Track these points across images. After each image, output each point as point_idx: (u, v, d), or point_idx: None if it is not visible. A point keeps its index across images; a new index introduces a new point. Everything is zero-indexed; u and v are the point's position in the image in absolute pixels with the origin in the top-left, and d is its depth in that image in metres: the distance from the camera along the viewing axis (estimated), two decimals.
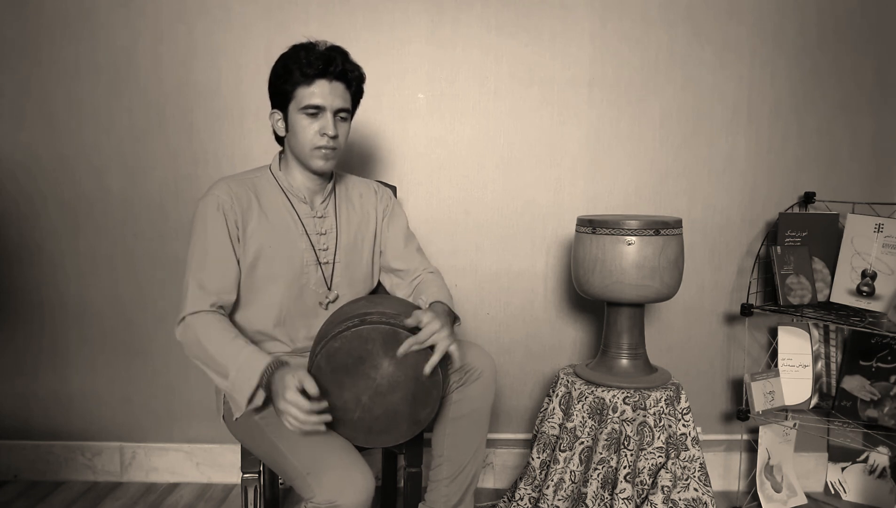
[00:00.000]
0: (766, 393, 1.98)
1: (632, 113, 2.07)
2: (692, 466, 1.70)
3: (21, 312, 2.10)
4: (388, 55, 2.02)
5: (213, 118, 2.03)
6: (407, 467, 1.53)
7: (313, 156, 1.42)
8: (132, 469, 2.17)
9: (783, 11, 2.05)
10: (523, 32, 2.03)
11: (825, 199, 2.08)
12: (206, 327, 1.32)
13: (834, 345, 2.10)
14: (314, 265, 1.48)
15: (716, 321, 2.16)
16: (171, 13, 2.00)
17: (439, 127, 2.06)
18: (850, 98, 2.09)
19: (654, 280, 1.66)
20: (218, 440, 2.14)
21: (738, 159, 2.10)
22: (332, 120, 1.39)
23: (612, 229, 1.67)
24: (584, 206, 2.10)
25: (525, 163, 2.08)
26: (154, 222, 2.07)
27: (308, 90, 1.38)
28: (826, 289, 2.03)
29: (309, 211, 1.49)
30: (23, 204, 2.06)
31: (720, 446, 2.19)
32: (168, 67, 2.02)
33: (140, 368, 2.13)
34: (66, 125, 2.03)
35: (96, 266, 2.08)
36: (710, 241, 2.12)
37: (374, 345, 1.26)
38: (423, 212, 2.06)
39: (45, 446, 2.15)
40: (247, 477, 1.47)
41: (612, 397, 1.69)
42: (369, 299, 1.43)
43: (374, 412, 1.28)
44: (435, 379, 1.29)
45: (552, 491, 1.72)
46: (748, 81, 2.07)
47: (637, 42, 2.05)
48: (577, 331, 2.15)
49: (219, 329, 1.32)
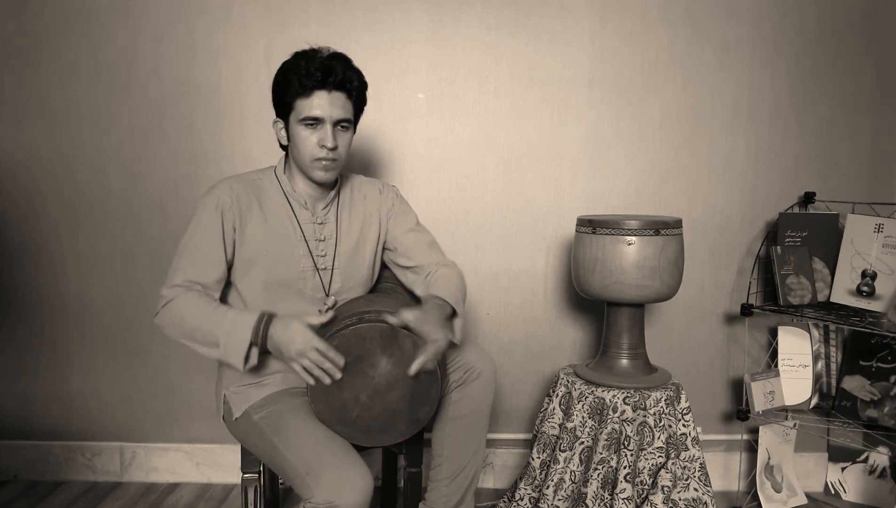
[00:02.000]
0: (766, 393, 1.98)
1: (632, 113, 2.07)
2: (692, 466, 1.70)
3: (21, 312, 2.10)
4: (388, 55, 2.03)
5: (213, 118, 2.03)
6: (407, 467, 1.53)
7: (313, 167, 1.41)
8: (132, 469, 2.17)
9: (783, 11, 2.05)
10: (523, 32, 2.03)
11: (825, 199, 2.08)
12: (187, 302, 1.32)
13: (834, 345, 2.10)
14: (311, 271, 1.47)
15: (716, 321, 2.16)
16: (171, 13, 2.00)
17: (439, 127, 2.06)
18: (850, 98, 2.09)
19: (654, 280, 1.66)
20: (218, 440, 2.14)
21: (738, 159, 2.10)
22: (332, 131, 1.38)
23: (612, 229, 1.67)
24: (584, 206, 2.10)
25: (525, 163, 2.08)
26: (154, 222, 2.07)
27: (307, 102, 1.37)
28: (826, 289, 2.03)
29: (309, 217, 1.49)
30: (23, 204, 2.06)
31: (720, 446, 2.19)
32: (168, 67, 2.02)
33: (140, 368, 2.13)
34: (66, 125, 2.03)
35: (96, 266, 2.08)
36: (710, 241, 2.12)
37: (373, 344, 1.26)
38: (423, 212, 2.06)
39: (45, 446, 2.15)
40: (247, 477, 1.48)
41: (613, 397, 1.69)
42: (368, 297, 1.43)
43: (373, 411, 1.29)
44: (433, 377, 1.29)
45: (552, 491, 1.72)
46: (748, 81, 2.07)
47: (637, 42, 2.05)
48: (577, 331, 2.15)
49: (201, 303, 1.32)
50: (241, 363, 1.29)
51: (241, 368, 1.29)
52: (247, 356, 1.29)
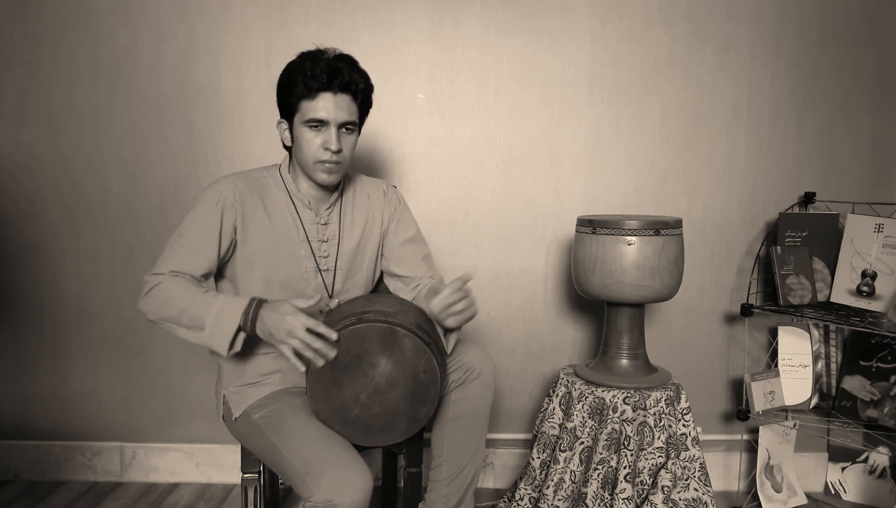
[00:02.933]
0: (766, 393, 1.97)
1: (632, 113, 2.07)
2: (692, 466, 1.70)
3: (21, 312, 2.10)
4: (388, 55, 2.03)
5: (213, 118, 2.03)
6: (407, 467, 1.52)
7: (317, 169, 1.40)
8: (132, 469, 2.17)
9: (783, 11, 2.05)
10: (523, 32, 2.03)
11: (825, 199, 2.08)
12: (176, 284, 1.31)
13: (834, 345, 2.10)
14: (314, 272, 1.47)
15: (716, 321, 2.16)
16: (171, 13, 2.00)
17: (439, 127, 2.06)
18: (850, 98, 2.08)
19: (654, 280, 1.66)
20: (218, 440, 2.14)
21: (738, 159, 2.10)
22: (336, 134, 1.37)
23: (612, 229, 1.67)
24: (584, 206, 2.10)
25: (525, 163, 2.08)
26: (154, 222, 2.07)
27: (312, 103, 1.35)
28: (826, 289, 2.03)
29: (313, 217, 1.48)
30: (23, 204, 2.06)
31: (720, 446, 2.19)
32: (168, 67, 2.02)
33: (140, 368, 2.13)
34: (66, 125, 2.03)
35: (96, 266, 2.08)
36: (710, 241, 2.12)
37: (372, 344, 1.26)
38: (423, 212, 2.06)
39: (45, 446, 2.15)
40: (247, 477, 1.47)
41: (613, 397, 1.69)
42: (367, 297, 1.43)
43: (373, 411, 1.29)
44: (433, 377, 1.29)
45: (552, 491, 1.72)
46: (748, 81, 2.07)
47: (637, 42, 2.05)
48: (577, 331, 2.15)
49: (190, 286, 1.31)
50: (226, 347, 1.27)
51: (225, 353, 1.28)
52: (232, 341, 1.27)
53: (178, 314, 1.29)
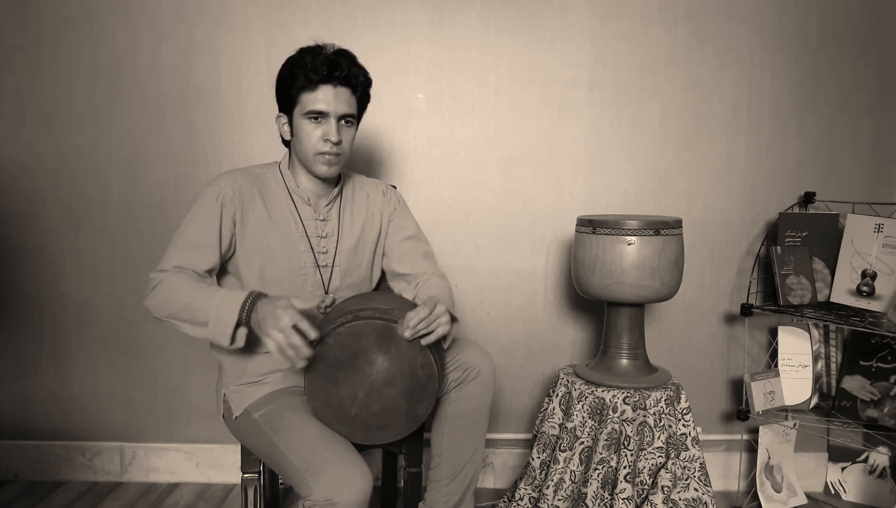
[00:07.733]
0: (766, 393, 1.97)
1: (632, 113, 2.07)
2: (692, 466, 1.70)
3: (21, 312, 2.10)
4: (388, 55, 2.03)
5: (213, 118, 2.04)
6: (407, 467, 1.52)
7: (316, 161, 1.41)
8: (132, 469, 2.17)
9: (783, 11, 2.05)
10: (523, 32, 2.03)
11: (825, 199, 2.08)
12: (179, 279, 1.31)
13: (834, 345, 2.10)
14: (312, 268, 1.48)
15: (716, 321, 2.16)
16: (171, 13, 2.00)
17: (439, 127, 2.06)
18: (850, 98, 2.09)
19: (654, 280, 1.66)
20: (218, 440, 2.14)
21: (738, 160, 2.10)
22: (336, 126, 1.39)
23: (612, 229, 1.67)
24: (584, 206, 2.10)
25: (525, 163, 2.08)
26: (154, 222, 2.07)
27: (312, 95, 1.37)
28: (826, 289, 2.03)
29: (312, 213, 1.49)
30: (23, 204, 2.06)
31: (720, 446, 2.18)
32: (168, 67, 2.02)
33: (140, 368, 2.13)
34: (66, 125, 2.03)
35: (96, 266, 2.08)
36: (710, 241, 2.12)
37: (368, 341, 1.26)
38: (423, 212, 2.06)
39: (45, 446, 2.15)
40: (247, 477, 1.47)
41: (612, 397, 1.69)
42: (364, 295, 1.43)
43: (372, 408, 1.29)
44: (430, 373, 1.29)
45: (552, 491, 1.72)
46: (748, 82, 2.07)
47: (637, 42, 2.05)
48: (577, 331, 2.15)
49: (193, 281, 1.31)
50: (228, 340, 1.27)
51: (227, 345, 1.28)
52: (233, 334, 1.27)
53: (181, 309, 1.29)
